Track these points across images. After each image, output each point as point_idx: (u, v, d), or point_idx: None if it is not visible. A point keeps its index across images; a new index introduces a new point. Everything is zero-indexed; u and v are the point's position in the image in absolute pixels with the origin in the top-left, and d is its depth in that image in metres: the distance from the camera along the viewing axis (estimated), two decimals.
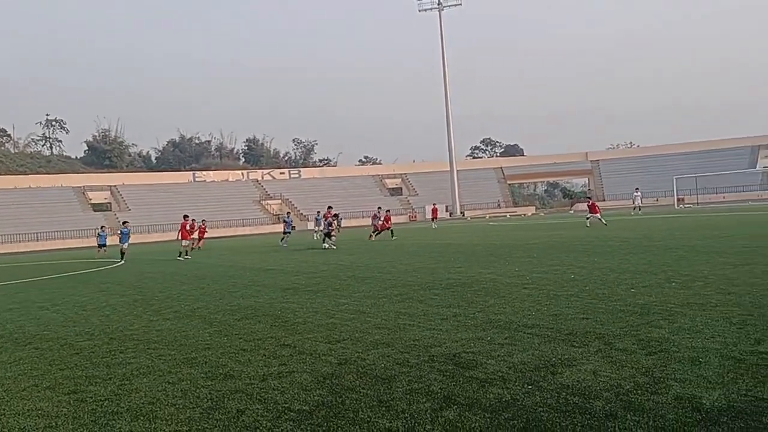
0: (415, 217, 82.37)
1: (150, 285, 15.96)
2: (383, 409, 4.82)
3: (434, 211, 48.83)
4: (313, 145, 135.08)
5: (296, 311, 9.84)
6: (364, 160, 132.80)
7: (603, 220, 30.99)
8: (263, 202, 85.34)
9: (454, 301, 9.71)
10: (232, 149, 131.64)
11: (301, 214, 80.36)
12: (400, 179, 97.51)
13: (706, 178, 66.93)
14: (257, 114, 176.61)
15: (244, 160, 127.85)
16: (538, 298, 9.44)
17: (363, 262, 18.38)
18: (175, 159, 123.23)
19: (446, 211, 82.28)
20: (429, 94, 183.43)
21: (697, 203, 63.80)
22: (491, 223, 49.30)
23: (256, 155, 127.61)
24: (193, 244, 30.02)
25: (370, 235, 32.12)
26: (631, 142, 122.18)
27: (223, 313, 10.14)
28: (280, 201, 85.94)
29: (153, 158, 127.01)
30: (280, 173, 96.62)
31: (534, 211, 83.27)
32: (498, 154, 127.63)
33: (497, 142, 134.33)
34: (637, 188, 52.81)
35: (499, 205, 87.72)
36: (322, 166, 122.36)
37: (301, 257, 22.93)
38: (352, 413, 4.77)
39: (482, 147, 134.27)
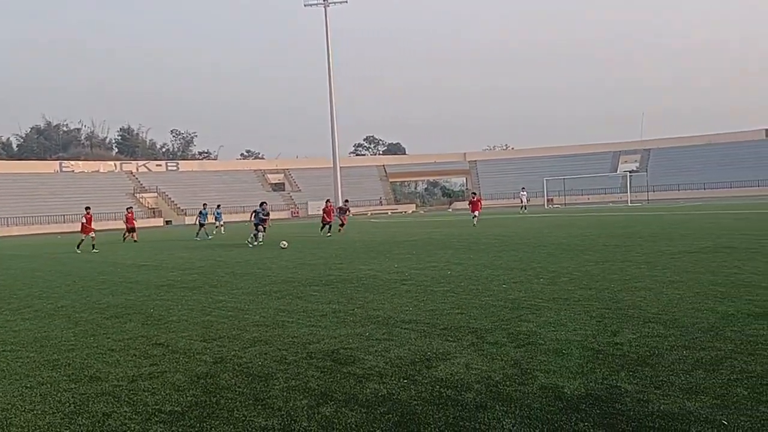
0: (298, 213, 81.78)
1: (9, 282, 14.80)
2: (259, 407, 4.75)
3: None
4: (192, 137, 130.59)
5: (170, 309, 9.48)
6: (246, 154, 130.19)
7: (475, 222, 30.23)
8: (138, 195, 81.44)
9: (334, 298, 9.74)
10: (105, 139, 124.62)
11: (179, 208, 77.54)
12: (282, 175, 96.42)
13: (574, 180, 71.35)
14: (133, 103, 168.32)
15: (117, 150, 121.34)
16: (416, 294, 9.66)
17: (243, 258, 18.02)
18: (40, 147, 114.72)
19: None
20: (313, 90, 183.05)
21: (565, 204, 67.81)
22: (373, 221, 49.88)
23: (130, 146, 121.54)
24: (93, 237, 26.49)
25: (339, 228, 29.85)
26: (506, 144, 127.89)
27: (91, 312, 9.58)
28: (156, 194, 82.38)
29: (14, 146, 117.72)
30: (157, 165, 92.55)
31: (414, 209, 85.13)
32: (381, 152, 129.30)
33: (380, 140, 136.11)
34: (523, 188, 55.53)
35: (381, 202, 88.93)
36: (201, 159, 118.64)
37: (178, 253, 22.12)
38: (227, 412, 4.66)
39: (365, 145, 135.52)
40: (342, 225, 30.25)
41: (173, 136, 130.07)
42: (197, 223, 33.54)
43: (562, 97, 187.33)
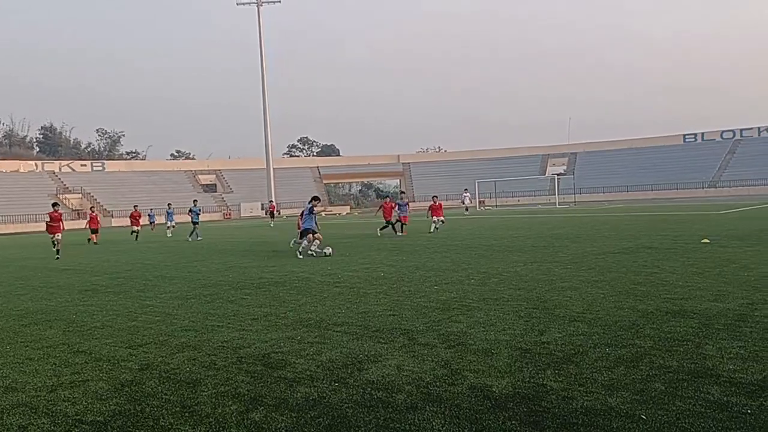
0: (230, 214, 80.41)
1: None
2: (187, 414, 4.64)
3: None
4: (119, 137, 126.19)
5: (94, 314, 9.15)
6: (176, 154, 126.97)
7: (397, 232, 24.72)
8: (61, 196, 78.18)
9: (266, 301, 9.62)
10: (25, 137, 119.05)
11: (105, 210, 74.95)
12: (214, 175, 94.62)
13: (504, 183, 72.95)
14: (55, 100, 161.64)
15: (38, 149, 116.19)
16: (348, 296, 9.65)
17: (172, 261, 17.57)
18: None
19: (261, 209, 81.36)
20: (246, 90, 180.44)
21: (496, 206, 69.18)
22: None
23: (53, 145, 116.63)
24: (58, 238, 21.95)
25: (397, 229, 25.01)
26: (439, 147, 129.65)
27: (7, 319, 9.14)
28: (80, 195, 79.41)
29: None
30: (82, 165, 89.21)
31: (349, 211, 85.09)
32: (315, 154, 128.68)
33: (314, 141, 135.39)
34: (466, 189, 56.30)
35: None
36: (129, 159, 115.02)
37: (105, 256, 21.36)
38: (153, 421, 4.53)
39: (299, 146, 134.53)
40: (403, 225, 24.86)
41: (99, 135, 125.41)
42: (192, 222, 30.24)
43: (494, 102, 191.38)
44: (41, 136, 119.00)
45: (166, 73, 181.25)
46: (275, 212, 47.43)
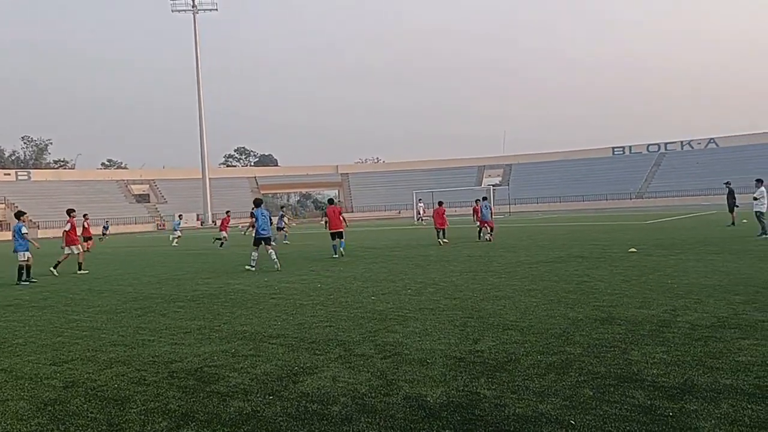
0: (164, 225, 78.41)
1: None
2: None
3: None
4: (46, 145, 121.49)
5: (16, 330, 8.75)
6: (107, 163, 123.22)
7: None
8: None
9: (200, 314, 9.41)
10: None
11: (31, 221, 71.89)
12: (147, 186, 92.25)
13: (441, 193, 73.62)
14: None
15: None
16: (285, 308, 9.55)
17: (102, 274, 17.01)
18: None
19: (197, 220, 79.74)
20: (182, 100, 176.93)
21: (433, 216, 69.81)
22: (243, 233, 48.79)
23: None
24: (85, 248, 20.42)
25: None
26: (377, 158, 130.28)
27: None
28: (3, 205, 76.01)
29: None
30: (5, 174, 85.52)
31: (287, 222, 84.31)
32: (252, 164, 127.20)
33: (252, 151, 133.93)
34: (420, 199, 56.55)
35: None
36: (57, 168, 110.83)
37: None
38: None
39: (236, 156, 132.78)
40: (491, 230, 24.11)
41: (24, 143, 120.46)
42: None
43: (431, 115, 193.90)
44: None
45: (98, 80, 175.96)
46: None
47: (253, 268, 16.04)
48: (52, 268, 18.08)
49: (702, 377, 5.07)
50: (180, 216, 38.24)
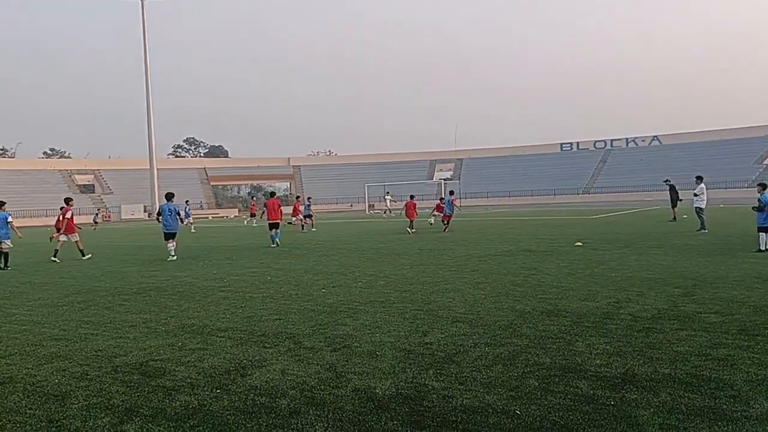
0: (109, 217, 76.39)
1: None
2: (54, 429, 4.36)
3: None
4: None
5: None
6: (49, 152, 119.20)
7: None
8: None
9: (146, 307, 9.22)
10: None
11: None
12: (92, 175, 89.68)
13: (393, 187, 73.88)
14: None
15: None
16: (233, 301, 9.44)
17: (42, 267, 16.47)
18: None
19: (144, 211, 78.03)
20: (129, 88, 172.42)
21: (386, 209, 69.99)
22: (192, 225, 47.96)
23: None
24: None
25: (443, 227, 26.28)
26: (330, 150, 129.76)
27: None
28: None
29: None
30: None
31: (237, 214, 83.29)
32: (202, 155, 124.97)
33: (201, 142, 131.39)
34: (388, 192, 56.34)
35: (201, 206, 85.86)
36: None
37: None
38: None
39: (185, 146, 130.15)
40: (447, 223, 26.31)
41: None
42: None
43: (383, 109, 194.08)
44: None
45: (40, 67, 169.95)
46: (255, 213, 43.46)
47: (174, 258, 16.95)
48: (53, 258, 18.08)
49: (642, 367, 5.24)
50: (187, 202, 38.29)
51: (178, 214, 17.98)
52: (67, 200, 19.49)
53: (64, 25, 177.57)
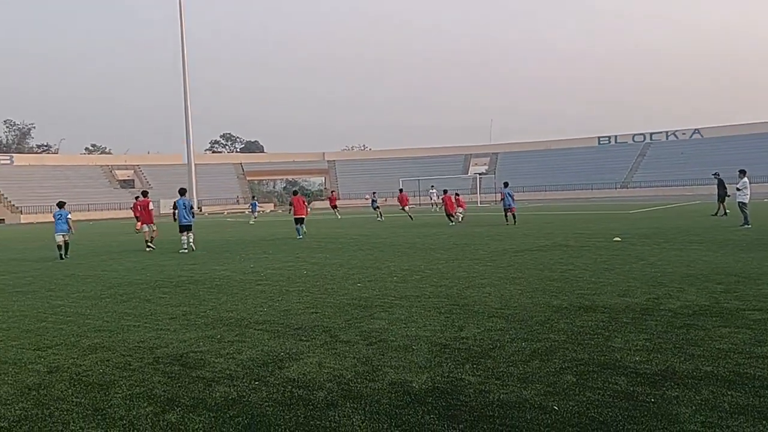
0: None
1: None
2: (98, 417, 4.47)
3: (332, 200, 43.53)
4: (29, 129, 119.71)
5: None
6: (91, 148, 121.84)
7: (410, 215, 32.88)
8: None
9: (185, 300, 9.39)
10: None
11: (13, 206, 71.17)
12: (132, 171, 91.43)
13: (427, 181, 73.74)
14: None
15: None
16: (270, 294, 9.55)
17: (85, 260, 16.88)
18: None
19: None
20: (168, 84, 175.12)
21: (420, 204, 69.94)
22: (229, 220, 48.66)
23: None
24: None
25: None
26: (364, 145, 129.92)
27: None
28: None
29: None
30: None
31: (273, 208, 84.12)
32: (238, 150, 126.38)
33: (238, 137, 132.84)
34: (432, 186, 56.39)
35: (237, 201, 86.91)
36: (40, 152, 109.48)
37: (11, 254, 20.28)
38: (62, 425, 4.35)
39: (222, 142, 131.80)
40: (513, 216, 25.74)
41: (7, 128, 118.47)
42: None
43: (419, 105, 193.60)
44: None
45: (82, 64, 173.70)
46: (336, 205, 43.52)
47: (186, 251, 18.02)
48: (149, 247, 19.42)
49: (683, 364, 5.15)
50: (254, 197, 42.32)
51: (192, 208, 19.22)
52: (144, 193, 21.37)
53: (104, 23, 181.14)
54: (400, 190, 34.73)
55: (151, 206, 20.66)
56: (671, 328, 6.37)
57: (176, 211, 19.00)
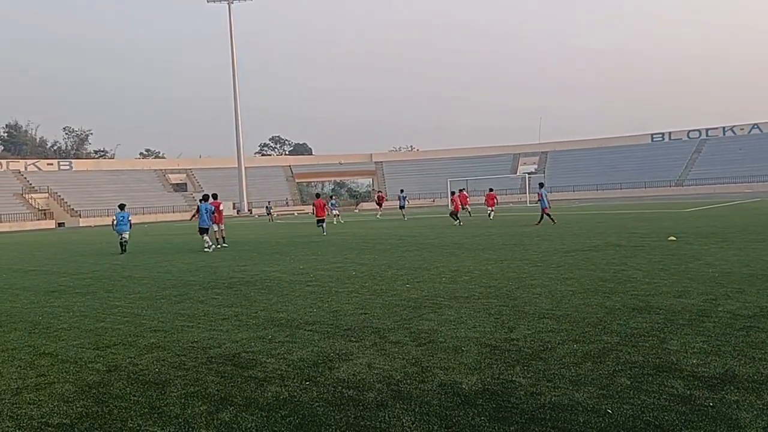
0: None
1: None
2: (155, 415, 4.60)
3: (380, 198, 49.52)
4: (87, 135, 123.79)
5: (60, 316, 9.00)
6: (145, 153, 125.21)
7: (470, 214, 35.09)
8: (26, 196, 76.79)
9: (236, 300, 9.56)
10: None
11: (72, 209, 73.71)
12: (185, 175, 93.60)
13: (476, 181, 73.24)
14: (21, 98, 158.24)
15: (2, 148, 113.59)
16: (319, 295, 9.63)
17: (140, 262, 17.35)
18: None
19: (233, 208, 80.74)
20: (218, 89, 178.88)
21: (469, 204, 69.47)
22: (279, 221, 49.32)
23: (17, 143, 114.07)
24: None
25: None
26: (411, 146, 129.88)
27: None
28: (47, 195, 77.95)
29: None
30: (48, 164, 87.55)
31: None
32: (287, 153, 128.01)
33: (286, 140, 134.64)
34: (491, 189, 56.22)
35: (287, 203, 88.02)
36: (97, 158, 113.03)
37: (72, 257, 21.02)
38: (120, 422, 4.48)
39: (271, 144, 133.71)
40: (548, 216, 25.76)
41: (66, 134, 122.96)
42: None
43: (467, 106, 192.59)
44: (5, 134, 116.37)
45: (136, 73, 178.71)
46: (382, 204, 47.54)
47: (209, 249, 19.84)
48: (221, 246, 20.99)
49: (743, 367, 4.98)
50: (332, 197, 45.86)
51: (213, 213, 20.77)
52: (215, 195, 22.75)
53: (157, 29, 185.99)
54: (461, 190, 35.69)
55: (221, 207, 22.24)
56: (730, 330, 6.17)
57: (198, 214, 20.96)
